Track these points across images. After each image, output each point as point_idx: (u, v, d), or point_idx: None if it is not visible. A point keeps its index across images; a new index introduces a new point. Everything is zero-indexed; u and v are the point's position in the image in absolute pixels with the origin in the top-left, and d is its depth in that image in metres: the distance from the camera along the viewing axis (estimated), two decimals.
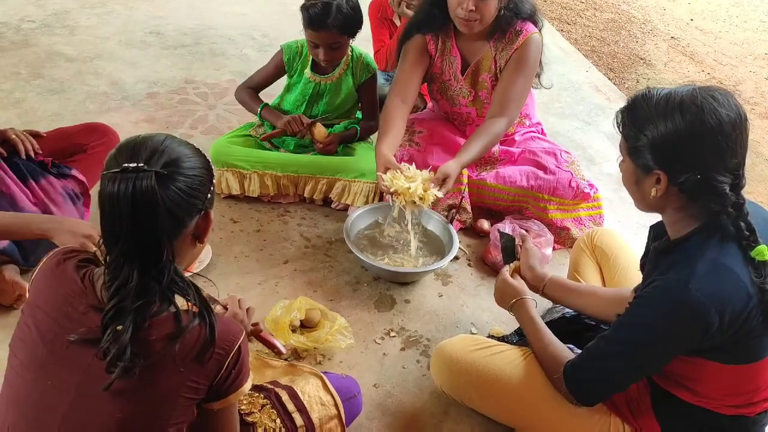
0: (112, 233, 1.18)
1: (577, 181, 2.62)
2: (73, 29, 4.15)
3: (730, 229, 1.42)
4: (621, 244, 2.15)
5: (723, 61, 5.21)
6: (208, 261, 2.36)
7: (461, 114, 2.77)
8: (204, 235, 1.32)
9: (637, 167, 1.49)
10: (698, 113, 1.37)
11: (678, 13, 6.18)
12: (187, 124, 3.27)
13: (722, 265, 1.39)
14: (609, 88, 4.34)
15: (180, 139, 1.29)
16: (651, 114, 1.43)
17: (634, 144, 1.47)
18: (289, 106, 2.83)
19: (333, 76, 2.75)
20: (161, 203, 1.16)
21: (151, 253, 1.18)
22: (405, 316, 2.30)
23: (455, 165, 2.35)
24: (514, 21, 2.50)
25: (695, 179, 1.40)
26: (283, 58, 2.77)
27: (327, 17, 2.48)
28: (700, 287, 1.37)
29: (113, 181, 1.15)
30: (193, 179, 1.23)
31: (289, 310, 2.09)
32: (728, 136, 1.37)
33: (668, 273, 1.43)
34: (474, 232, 2.71)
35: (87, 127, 2.53)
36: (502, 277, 1.94)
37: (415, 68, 2.63)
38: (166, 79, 3.69)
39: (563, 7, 5.94)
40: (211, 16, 4.62)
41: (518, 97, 2.54)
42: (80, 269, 1.25)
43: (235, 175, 2.68)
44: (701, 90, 1.41)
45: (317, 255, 2.52)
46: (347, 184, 2.67)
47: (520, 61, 2.52)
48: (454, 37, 2.61)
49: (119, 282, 1.17)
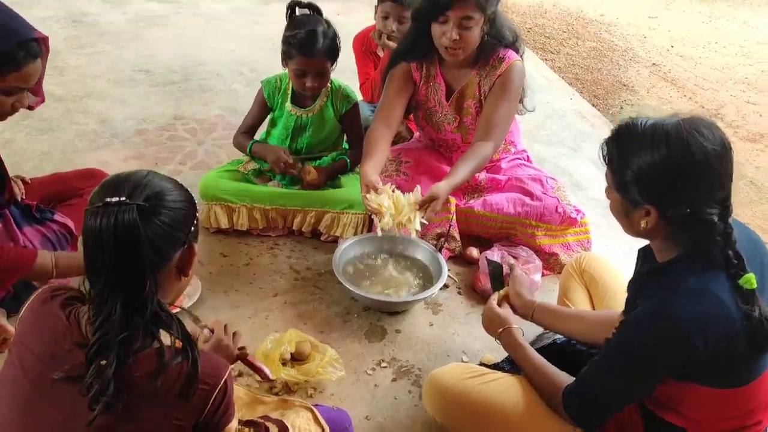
0: (95, 267, 1.18)
1: (563, 207, 2.63)
2: (62, 69, 4.17)
3: (717, 256, 1.42)
4: (609, 268, 2.15)
5: (704, 86, 5.28)
6: (197, 296, 2.34)
7: (446, 140, 2.79)
8: (188, 268, 1.32)
9: (625, 201, 1.49)
10: (685, 148, 1.38)
11: (658, 41, 6.28)
12: (176, 160, 3.28)
13: (705, 290, 1.39)
14: (593, 114, 4.38)
15: (162, 174, 1.30)
16: (636, 147, 1.43)
17: (622, 179, 1.47)
18: (275, 140, 2.85)
19: (314, 108, 2.77)
20: (143, 235, 1.17)
21: (135, 285, 1.18)
22: (396, 346, 2.28)
23: (444, 186, 2.33)
24: (497, 48, 2.54)
25: (685, 212, 1.40)
26: (264, 94, 2.80)
27: (316, 43, 2.53)
28: (683, 311, 1.37)
29: (95, 216, 1.17)
30: (176, 212, 1.24)
31: (279, 344, 2.07)
32: (715, 170, 1.38)
33: (653, 297, 1.44)
34: (463, 260, 2.71)
35: (84, 172, 2.54)
36: (489, 305, 1.94)
37: (399, 95, 2.65)
38: (155, 115, 3.70)
39: (546, 37, 6.03)
40: (199, 52, 4.67)
41: (503, 121, 2.56)
42: (66, 307, 1.24)
43: (223, 209, 2.68)
44: (686, 123, 1.41)
45: (307, 287, 2.51)
46: (336, 216, 2.67)
47: (503, 86, 2.54)
48: (439, 65, 2.64)
49: (103, 316, 1.17)
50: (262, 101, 2.83)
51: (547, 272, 2.66)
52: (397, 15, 3.06)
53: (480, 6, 2.37)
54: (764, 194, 3.62)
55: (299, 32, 2.54)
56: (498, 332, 1.86)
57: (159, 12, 5.48)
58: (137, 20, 5.23)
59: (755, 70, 5.76)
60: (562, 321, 1.91)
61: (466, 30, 2.40)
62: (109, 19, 5.17)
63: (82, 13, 5.24)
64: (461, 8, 2.36)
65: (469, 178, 2.53)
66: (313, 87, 2.63)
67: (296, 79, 2.64)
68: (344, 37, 2.72)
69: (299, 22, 2.58)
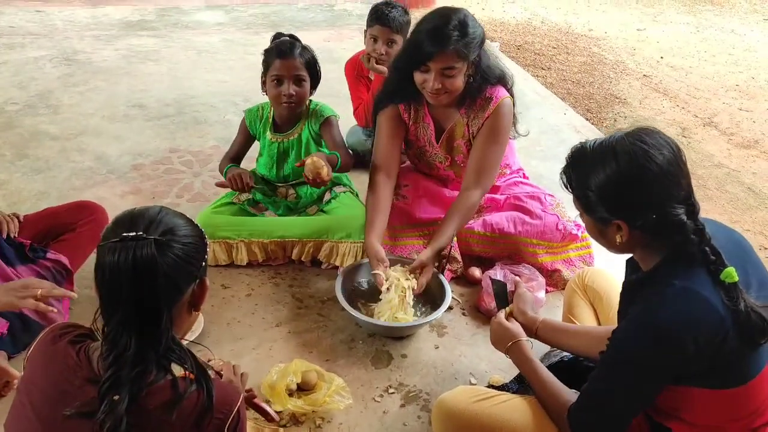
0: (112, 302, 1.19)
1: (564, 224, 2.63)
2: (57, 108, 4.19)
3: (696, 255, 1.44)
4: (613, 282, 2.14)
5: (696, 95, 5.32)
6: (200, 330, 2.32)
7: (440, 176, 2.80)
8: (200, 303, 1.34)
9: (595, 221, 1.55)
10: (633, 160, 1.44)
11: (648, 53, 6.33)
12: (173, 193, 3.28)
13: (690, 291, 1.41)
14: (588, 128, 4.40)
15: (174, 210, 1.33)
16: (590, 167, 1.50)
17: (586, 201, 1.53)
18: (262, 169, 2.87)
19: (294, 132, 2.78)
20: (161, 270, 1.19)
21: (150, 320, 1.20)
22: (403, 371, 2.26)
23: (430, 254, 2.37)
24: (484, 88, 2.50)
25: (652, 219, 1.45)
26: (246, 122, 2.83)
27: (294, 47, 2.61)
28: (670, 314, 1.40)
29: (113, 251, 1.18)
30: (189, 247, 1.27)
31: (284, 374, 2.05)
32: (668, 175, 1.43)
33: (639, 305, 1.46)
34: (466, 280, 2.70)
35: (75, 205, 2.53)
36: (497, 320, 1.94)
37: (393, 140, 2.64)
38: (150, 150, 3.71)
39: (536, 53, 6.07)
40: (192, 85, 4.70)
41: (492, 166, 2.55)
42: (75, 344, 1.25)
43: (222, 246, 2.68)
44: (629, 136, 1.48)
45: (310, 315, 2.50)
46: (334, 246, 2.66)
47: (492, 129, 2.51)
48: (426, 105, 2.61)
49: (117, 351, 1.17)
50: (244, 129, 2.86)
51: (550, 289, 2.65)
52: (385, 38, 3.08)
53: (461, 55, 2.32)
54: (763, 200, 3.62)
55: (279, 39, 2.66)
56: (507, 346, 1.86)
57: (151, 47, 5.53)
58: (129, 56, 5.28)
59: (746, 77, 5.81)
60: (566, 337, 1.91)
61: (449, 78, 2.36)
62: (101, 56, 5.21)
63: (74, 51, 5.29)
64: (442, 60, 2.32)
65: (457, 232, 2.53)
66: (290, 94, 2.61)
67: (274, 88, 2.63)
68: (334, 62, 2.75)
69: (278, 40, 2.69)
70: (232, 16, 6.62)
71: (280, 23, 6.42)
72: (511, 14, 7.42)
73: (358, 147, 3.37)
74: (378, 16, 3.09)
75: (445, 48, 2.29)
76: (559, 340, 1.92)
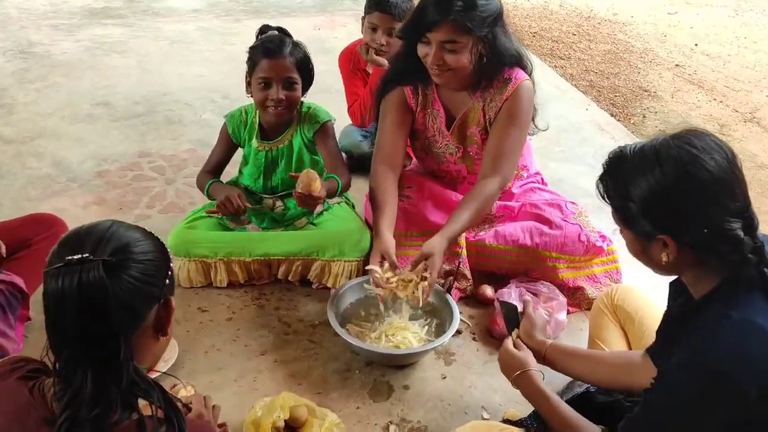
0: (60, 336, 1.18)
1: (587, 234, 2.62)
2: (11, 107, 4.20)
3: (754, 278, 1.42)
4: (646, 301, 2.14)
5: (735, 87, 5.33)
6: (174, 359, 2.31)
7: (450, 172, 2.79)
8: (166, 327, 1.33)
9: (637, 236, 1.52)
10: (680, 167, 1.41)
11: (680, 39, 6.35)
12: (143, 203, 3.28)
13: (751, 324, 1.38)
14: (613, 126, 4.42)
15: (128, 223, 1.31)
16: (630, 176, 1.48)
17: (626, 214, 1.51)
18: (247, 180, 2.86)
19: (284, 139, 2.77)
20: (112, 295, 1.17)
21: (106, 353, 1.18)
22: (405, 404, 2.25)
23: (439, 241, 2.33)
24: (501, 68, 2.53)
25: (703, 234, 1.42)
26: (228, 130, 2.81)
27: (284, 45, 2.59)
28: (728, 354, 1.36)
29: (56, 277, 1.17)
30: (147, 264, 1.25)
31: (270, 410, 2.04)
32: (721, 183, 1.41)
33: (691, 339, 1.43)
34: (476, 300, 2.70)
35: (30, 218, 2.52)
36: (505, 347, 1.95)
37: (398, 129, 2.66)
38: (117, 154, 3.72)
39: (554, 41, 6.09)
40: (164, 80, 4.71)
41: (512, 152, 2.56)
42: (28, 380, 1.24)
43: (198, 266, 2.67)
44: (675, 139, 1.45)
45: (300, 342, 2.49)
46: (326, 264, 2.67)
47: (511, 112, 2.54)
48: (436, 89, 2.64)
49: (72, 391, 1.16)
50: (226, 138, 2.84)
51: (573, 309, 2.64)
52: (386, 26, 3.09)
53: (464, 29, 2.34)
54: None
55: (266, 35, 2.63)
56: (514, 377, 1.87)
57: (117, 37, 5.55)
58: (93, 48, 5.29)
59: None
60: (576, 361, 1.92)
61: (451, 53, 2.39)
62: (61, 49, 5.23)
63: (30, 43, 5.30)
64: (441, 31, 2.35)
65: (472, 224, 2.53)
66: (278, 99, 2.60)
67: (260, 92, 2.62)
68: (326, 53, 2.75)
69: (266, 36, 2.66)
70: (209, 2, 6.65)
71: (263, 9, 6.45)
72: None
73: (354, 150, 3.37)
74: (378, 1, 3.10)
75: (445, 17, 2.32)
76: (568, 365, 1.93)
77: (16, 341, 2.24)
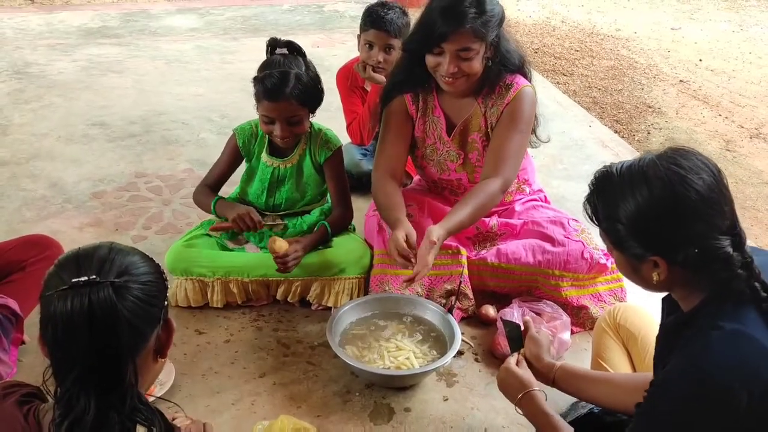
0: (66, 359, 1.19)
1: (590, 252, 2.63)
2: (6, 128, 4.23)
3: (745, 292, 1.44)
4: (649, 321, 2.14)
5: (741, 103, 5.36)
6: (171, 382, 2.31)
7: (451, 181, 2.81)
8: (166, 348, 1.35)
9: (628, 258, 1.54)
10: (667, 187, 1.43)
11: (684, 55, 6.39)
12: (139, 224, 3.29)
13: (741, 334, 1.40)
14: (617, 142, 4.43)
15: (124, 246, 1.33)
16: (617, 195, 1.50)
17: (616, 235, 1.52)
18: (252, 196, 2.86)
19: (293, 158, 2.78)
20: (122, 316, 1.19)
21: (111, 376, 1.19)
22: (406, 427, 2.25)
23: (438, 230, 2.35)
24: (503, 74, 2.57)
25: (694, 254, 1.43)
26: (237, 143, 2.80)
27: (285, 86, 2.52)
28: (719, 363, 1.38)
29: (64, 299, 1.18)
30: (149, 286, 1.27)
31: None
32: (709, 202, 1.42)
33: (682, 351, 1.44)
34: (478, 320, 2.70)
35: (25, 241, 2.53)
36: (506, 365, 1.95)
37: (399, 137, 2.70)
38: (113, 174, 3.74)
39: (556, 58, 6.14)
40: (161, 100, 4.74)
41: (514, 154, 2.58)
42: (23, 405, 1.25)
43: (195, 285, 2.67)
44: (662, 159, 1.47)
45: (299, 364, 2.49)
46: (326, 284, 2.67)
47: (513, 115, 2.57)
48: (437, 95, 2.67)
49: (74, 416, 1.16)
50: (234, 151, 2.82)
51: (577, 329, 2.65)
52: (382, 44, 3.12)
53: (479, 35, 2.40)
54: None
55: (267, 72, 2.56)
56: (517, 398, 1.85)
57: (113, 56, 5.59)
58: (89, 67, 5.33)
59: None
60: (587, 384, 1.91)
61: (465, 61, 2.44)
62: (57, 69, 5.27)
63: (26, 63, 5.35)
64: (457, 40, 2.39)
65: (472, 221, 2.53)
66: (283, 136, 2.61)
67: (264, 125, 2.64)
68: (325, 71, 2.76)
69: (273, 62, 2.61)
70: (206, 20, 6.71)
71: (261, 27, 6.50)
72: (526, 12, 7.50)
73: (353, 169, 3.38)
74: (373, 19, 3.13)
75: (461, 27, 2.36)
76: (579, 388, 1.91)
77: (10, 365, 2.24)
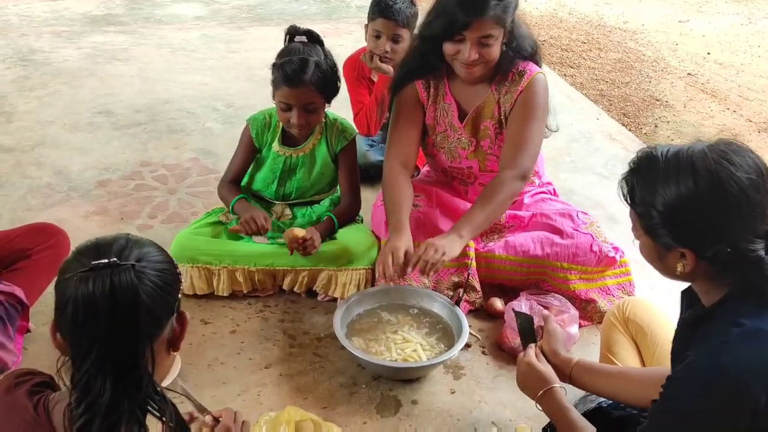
0: (84, 341, 1.19)
1: (599, 245, 2.62)
2: (10, 116, 4.22)
3: None
4: (658, 315, 2.13)
5: (749, 97, 5.33)
6: (176, 372, 2.31)
7: (461, 169, 2.79)
8: (179, 341, 1.36)
9: (656, 245, 1.51)
10: (715, 181, 1.39)
11: (692, 48, 6.36)
12: (145, 213, 3.28)
13: (762, 332, 1.39)
14: (625, 135, 4.42)
15: (139, 237, 1.34)
16: (659, 181, 1.45)
17: (648, 221, 1.48)
18: (260, 184, 2.86)
19: (306, 147, 2.77)
20: (143, 299, 1.21)
21: (129, 361, 1.20)
22: (413, 419, 2.25)
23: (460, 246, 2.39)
24: (516, 61, 2.57)
25: (725, 252, 1.41)
26: (251, 133, 2.80)
27: (304, 73, 2.54)
28: (737, 360, 1.37)
29: (85, 281, 1.18)
30: (165, 274, 1.28)
31: (275, 425, 2.04)
32: (752, 201, 1.39)
33: (701, 346, 1.43)
34: (486, 313, 2.69)
35: (31, 228, 2.52)
36: (527, 359, 1.93)
37: (411, 125, 2.69)
38: (118, 163, 3.73)
39: (563, 50, 6.11)
40: (167, 88, 4.73)
41: (532, 143, 2.58)
42: (34, 395, 1.25)
43: (201, 273, 2.67)
44: (713, 151, 1.42)
45: (305, 355, 2.49)
46: (333, 274, 2.67)
47: (528, 103, 2.57)
48: (448, 82, 2.66)
49: (90, 398, 1.17)
50: (249, 142, 2.82)
51: (584, 323, 2.64)
52: (390, 33, 3.10)
53: (500, 21, 2.41)
54: None
55: (287, 59, 2.57)
56: (538, 395, 1.84)
57: (119, 44, 5.57)
58: (94, 55, 5.31)
59: None
60: (603, 380, 1.90)
61: (486, 47, 2.44)
62: (62, 56, 5.25)
63: (30, 50, 5.33)
64: (480, 28, 2.38)
65: (493, 218, 2.54)
66: (299, 124, 2.62)
67: (281, 112, 2.65)
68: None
69: (292, 49, 2.62)
70: (212, 9, 6.68)
71: (267, 17, 6.48)
72: (533, 4, 7.46)
73: (360, 160, 3.36)
74: (381, 8, 3.11)
75: (484, 14, 2.36)
76: (596, 384, 1.90)
77: (15, 353, 2.25)
